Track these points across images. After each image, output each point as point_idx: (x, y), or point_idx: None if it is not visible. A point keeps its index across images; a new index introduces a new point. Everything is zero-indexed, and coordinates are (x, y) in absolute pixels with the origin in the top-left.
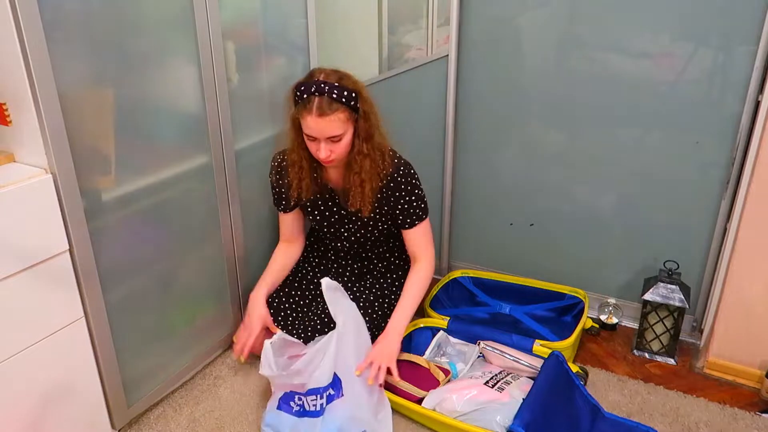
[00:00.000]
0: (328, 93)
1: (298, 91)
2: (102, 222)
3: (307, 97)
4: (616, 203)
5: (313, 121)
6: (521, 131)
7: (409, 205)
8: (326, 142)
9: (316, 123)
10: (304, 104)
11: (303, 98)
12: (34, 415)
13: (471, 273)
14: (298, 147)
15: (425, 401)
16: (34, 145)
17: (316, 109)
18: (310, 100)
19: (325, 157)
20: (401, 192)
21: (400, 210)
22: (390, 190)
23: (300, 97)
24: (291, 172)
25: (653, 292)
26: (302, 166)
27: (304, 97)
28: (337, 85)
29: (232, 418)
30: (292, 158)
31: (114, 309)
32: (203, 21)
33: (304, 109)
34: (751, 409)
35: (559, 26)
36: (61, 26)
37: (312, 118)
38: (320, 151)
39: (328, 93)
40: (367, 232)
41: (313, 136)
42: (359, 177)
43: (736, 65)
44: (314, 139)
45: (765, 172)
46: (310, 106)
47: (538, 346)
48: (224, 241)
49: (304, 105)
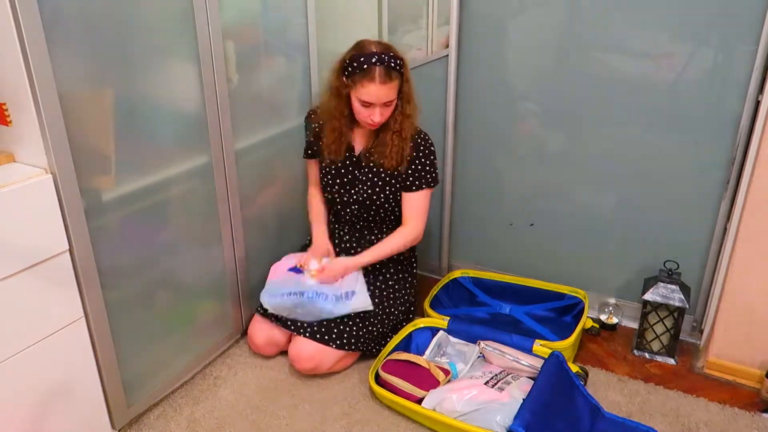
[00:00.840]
0: (388, 62)
1: (356, 62)
2: (102, 222)
3: (368, 68)
4: (616, 203)
5: (376, 88)
6: (521, 131)
7: (422, 167)
8: (381, 107)
9: (379, 89)
10: (364, 73)
11: (363, 68)
12: (34, 415)
13: (471, 273)
14: (340, 115)
15: (425, 401)
16: (34, 145)
17: (378, 77)
18: (371, 69)
19: (380, 120)
20: (418, 153)
21: (412, 170)
22: (410, 150)
23: (358, 68)
24: (330, 136)
25: (653, 292)
26: (342, 132)
27: (364, 68)
28: (392, 55)
29: (232, 418)
30: (333, 125)
31: (114, 309)
32: (203, 21)
33: (365, 77)
34: (751, 409)
35: (559, 26)
36: (61, 26)
37: (375, 86)
38: (375, 116)
39: (388, 62)
40: (375, 193)
41: (370, 102)
42: (399, 136)
43: (736, 65)
44: (369, 105)
45: (765, 172)
46: (372, 75)
47: (538, 346)
48: (224, 241)
49: (364, 74)
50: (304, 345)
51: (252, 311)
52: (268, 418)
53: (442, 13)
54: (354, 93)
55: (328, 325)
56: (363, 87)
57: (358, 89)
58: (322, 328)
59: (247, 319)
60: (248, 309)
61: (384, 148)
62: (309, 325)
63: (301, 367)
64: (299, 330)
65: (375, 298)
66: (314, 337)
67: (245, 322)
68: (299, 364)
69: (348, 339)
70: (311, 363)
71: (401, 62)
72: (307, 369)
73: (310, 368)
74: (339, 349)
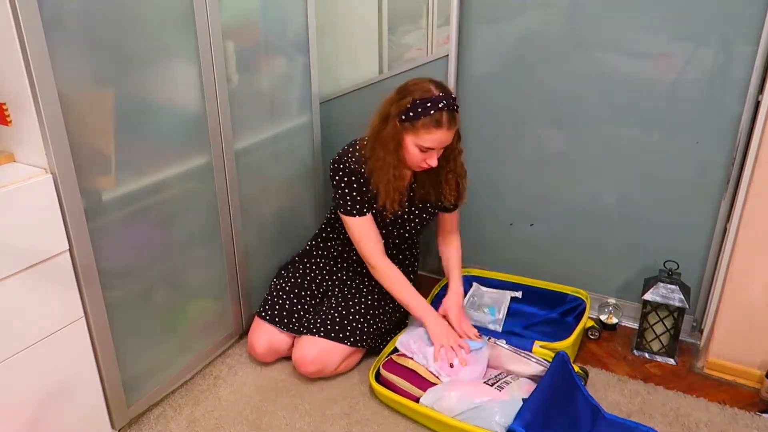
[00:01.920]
0: (453, 106)
1: (420, 108)
2: (102, 222)
3: (435, 113)
4: (616, 203)
5: (442, 134)
6: (521, 131)
7: (461, 186)
8: (439, 150)
9: (446, 135)
10: (431, 119)
11: (429, 114)
12: (34, 415)
13: (473, 272)
14: (398, 163)
15: (423, 397)
16: (34, 145)
17: (446, 123)
18: (439, 115)
19: (436, 164)
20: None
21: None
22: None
23: (423, 113)
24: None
25: (653, 292)
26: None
27: (430, 113)
28: (454, 97)
29: (232, 418)
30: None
31: (114, 309)
32: (203, 21)
33: (432, 124)
34: (751, 409)
35: (559, 26)
36: (61, 26)
37: (442, 132)
38: (432, 160)
39: (453, 106)
40: (420, 226)
41: (431, 148)
42: (455, 174)
43: (736, 65)
44: (427, 150)
45: (765, 172)
46: (440, 121)
47: (537, 347)
48: (224, 241)
49: (431, 120)
50: (308, 348)
51: (252, 311)
52: (268, 418)
53: (442, 13)
54: (413, 138)
55: (342, 322)
56: (429, 134)
57: (422, 136)
58: (336, 325)
59: (247, 319)
60: (248, 309)
61: (441, 189)
62: (322, 324)
63: (306, 370)
64: (311, 330)
65: (383, 295)
66: (328, 335)
67: (245, 322)
68: (304, 368)
69: (360, 335)
70: (316, 365)
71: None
72: (312, 372)
73: (315, 371)
74: (352, 345)
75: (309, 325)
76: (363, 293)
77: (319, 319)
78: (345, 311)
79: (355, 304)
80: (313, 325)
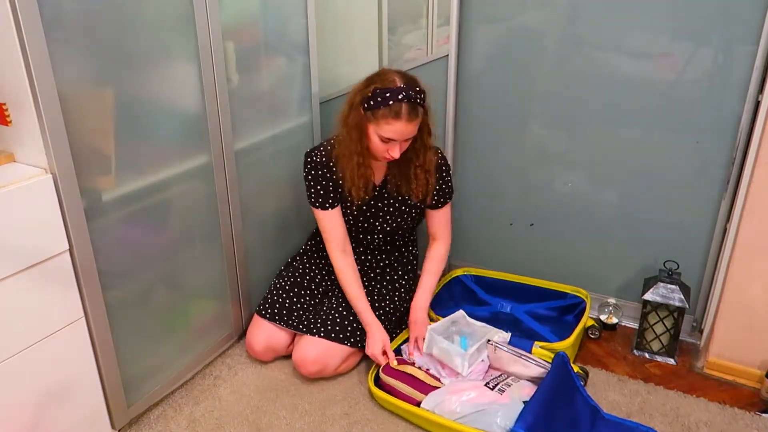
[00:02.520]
0: (414, 98)
1: (380, 97)
2: (102, 222)
3: (393, 104)
4: (616, 203)
5: (401, 126)
6: (521, 131)
7: (445, 185)
8: (402, 142)
9: (405, 127)
10: (389, 109)
11: (388, 104)
12: (34, 415)
13: (473, 271)
14: (362, 148)
15: (424, 401)
16: (34, 145)
17: (405, 115)
18: (399, 108)
19: (398, 156)
20: (441, 173)
21: (437, 190)
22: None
23: (382, 103)
24: (356, 174)
25: (653, 292)
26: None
27: (389, 104)
28: (418, 89)
29: (232, 418)
30: (357, 161)
31: (114, 309)
32: (203, 21)
33: (390, 115)
34: (751, 409)
35: (559, 26)
36: (61, 26)
37: (401, 124)
38: (394, 151)
39: (414, 98)
40: (403, 220)
41: (392, 139)
42: (423, 169)
43: (736, 65)
44: (389, 141)
45: (765, 172)
46: (399, 114)
47: (537, 348)
48: (224, 241)
49: (389, 110)
50: (309, 348)
51: (252, 311)
52: (268, 418)
53: (442, 13)
54: (374, 128)
55: (342, 323)
56: (388, 124)
57: (381, 126)
58: (336, 326)
59: (246, 319)
60: (248, 309)
61: (409, 183)
62: (322, 324)
63: (306, 371)
64: (312, 330)
65: (382, 297)
66: (329, 336)
67: (245, 322)
68: (305, 368)
69: (360, 336)
70: (317, 366)
71: (424, 96)
72: (313, 372)
73: (315, 371)
74: (353, 346)
75: (309, 324)
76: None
77: (320, 320)
78: (345, 312)
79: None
80: (314, 325)
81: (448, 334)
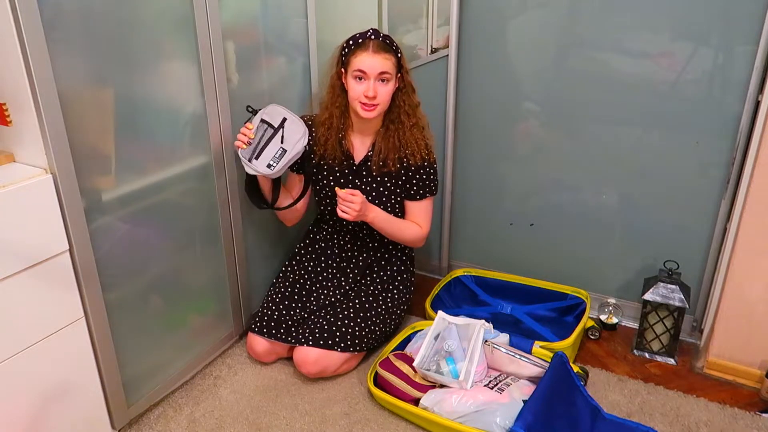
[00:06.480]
0: (383, 38)
1: (351, 40)
2: (102, 222)
3: (362, 41)
4: (617, 203)
5: (369, 56)
6: (521, 131)
7: (427, 177)
8: (377, 81)
9: (373, 58)
10: (359, 45)
11: (358, 42)
12: (34, 415)
13: (473, 272)
14: (331, 105)
15: (423, 399)
16: (34, 145)
17: (372, 47)
18: (366, 42)
19: (372, 95)
20: (423, 163)
21: (417, 179)
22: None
23: (353, 44)
24: (320, 130)
25: (653, 292)
26: (332, 125)
27: (359, 42)
28: (387, 35)
29: (232, 418)
30: (323, 117)
31: (114, 309)
32: (203, 21)
33: (359, 48)
34: (751, 409)
35: (559, 26)
36: (61, 26)
37: (368, 54)
38: (369, 90)
39: (383, 38)
40: (381, 203)
41: (364, 72)
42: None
43: (736, 65)
44: (363, 79)
45: (765, 172)
46: (367, 45)
47: (537, 348)
48: (224, 241)
49: (359, 46)
50: (309, 350)
51: (252, 311)
52: (268, 418)
53: (442, 13)
54: (350, 71)
55: (330, 329)
56: (356, 57)
57: (352, 63)
58: (324, 333)
59: (247, 319)
60: (248, 309)
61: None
62: (311, 333)
63: (307, 371)
64: (301, 341)
65: (378, 298)
66: (317, 344)
67: (245, 322)
68: (305, 369)
69: (352, 340)
70: (317, 367)
71: (396, 45)
72: (314, 373)
73: (316, 372)
74: (344, 351)
75: (300, 337)
76: (350, 297)
77: (308, 330)
78: (333, 318)
79: (344, 310)
80: (303, 336)
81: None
